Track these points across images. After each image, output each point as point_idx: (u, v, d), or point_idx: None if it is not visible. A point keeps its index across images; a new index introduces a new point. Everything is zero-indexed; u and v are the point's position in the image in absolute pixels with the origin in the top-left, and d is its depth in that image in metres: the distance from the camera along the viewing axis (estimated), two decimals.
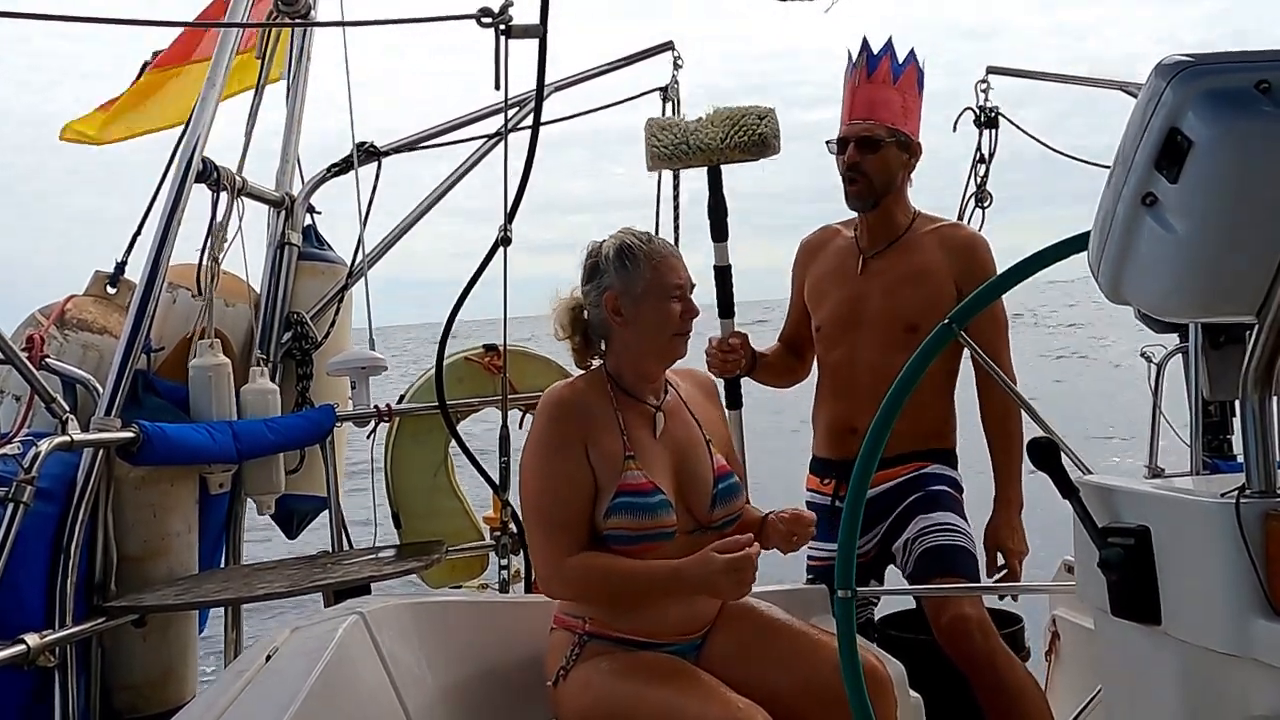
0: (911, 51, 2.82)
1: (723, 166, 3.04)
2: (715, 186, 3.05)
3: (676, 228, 4.02)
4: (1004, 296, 2.08)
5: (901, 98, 2.81)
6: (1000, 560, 2.73)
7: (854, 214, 2.91)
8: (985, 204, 4.38)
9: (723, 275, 3.03)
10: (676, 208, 4.01)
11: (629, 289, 2.10)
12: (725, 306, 3.03)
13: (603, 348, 2.19)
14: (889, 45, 2.80)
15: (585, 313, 2.18)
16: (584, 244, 2.21)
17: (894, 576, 2.94)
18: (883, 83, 2.79)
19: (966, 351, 2.74)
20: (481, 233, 3.24)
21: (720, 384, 2.81)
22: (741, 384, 3.06)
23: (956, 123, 4.32)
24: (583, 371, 2.23)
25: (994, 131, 4.32)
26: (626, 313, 2.11)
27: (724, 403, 2.78)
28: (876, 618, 3.04)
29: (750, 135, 2.92)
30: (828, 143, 2.87)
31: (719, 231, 3.06)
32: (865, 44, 2.80)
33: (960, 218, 4.33)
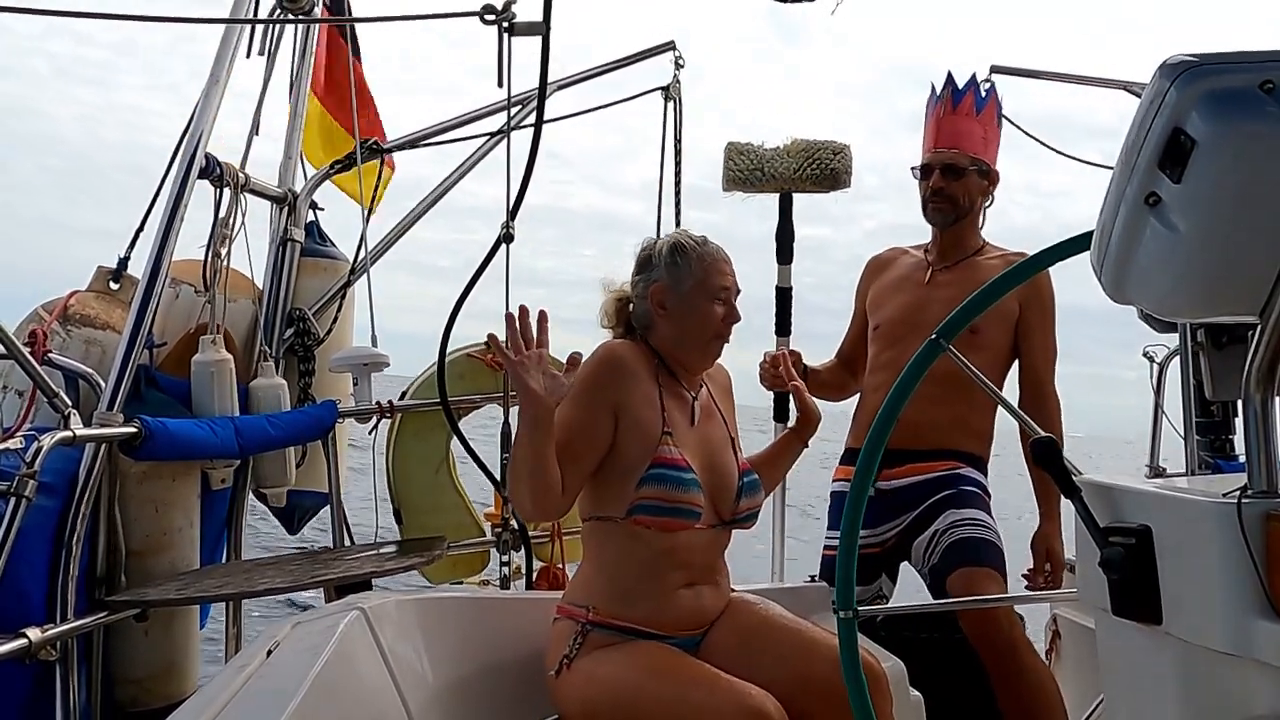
0: (993, 85, 3.01)
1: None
2: (785, 212, 3.20)
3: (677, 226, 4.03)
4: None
5: (983, 129, 2.99)
6: (1048, 567, 2.80)
7: (920, 240, 3.10)
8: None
9: (783, 296, 3.19)
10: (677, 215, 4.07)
11: (676, 285, 2.18)
12: (783, 325, 3.18)
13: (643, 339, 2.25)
14: (973, 79, 2.98)
15: (631, 304, 2.26)
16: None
17: (906, 576, 2.96)
18: (966, 115, 2.96)
19: (1016, 363, 2.89)
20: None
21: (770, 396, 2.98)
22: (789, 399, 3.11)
23: None
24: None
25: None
26: (670, 307, 2.18)
27: (772, 414, 3.03)
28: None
29: (823, 169, 3.08)
30: (913, 169, 3.03)
31: (784, 255, 3.20)
32: (950, 78, 2.98)
33: None
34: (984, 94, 2.98)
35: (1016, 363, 2.90)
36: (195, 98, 3.01)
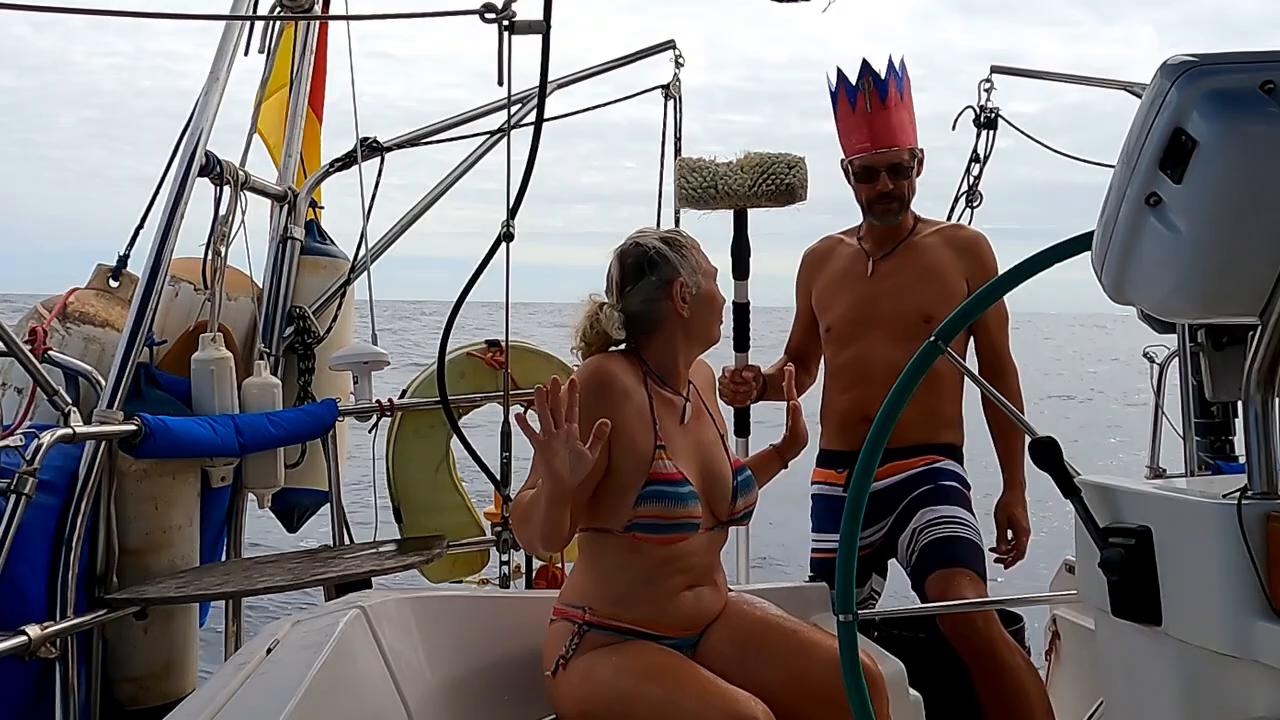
0: (901, 63, 2.88)
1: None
2: (740, 228, 3.10)
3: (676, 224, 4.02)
4: None
5: (909, 114, 2.91)
6: (1010, 536, 2.84)
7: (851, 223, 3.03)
8: (975, 204, 4.39)
9: (741, 312, 3.08)
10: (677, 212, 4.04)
11: (691, 275, 2.16)
12: (741, 340, 3.08)
13: (621, 343, 2.20)
14: (891, 65, 2.86)
15: (626, 314, 2.16)
16: (589, 235, 2.23)
17: (895, 571, 2.96)
18: (895, 106, 2.86)
19: (972, 345, 2.87)
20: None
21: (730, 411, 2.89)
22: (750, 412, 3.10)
23: (956, 122, 4.32)
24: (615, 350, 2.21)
25: (992, 132, 4.32)
26: (690, 300, 2.16)
27: (732, 430, 2.90)
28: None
29: (778, 184, 2.98)
30: (847, 169, 2.93)
31: (741, 270, 3.10)
32: (867, 67, 2.86)
33: (950, 216, 4.36)
34: (900, 75, 2.88)
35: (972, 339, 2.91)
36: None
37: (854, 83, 2.88)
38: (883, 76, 2.85)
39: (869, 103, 2.86)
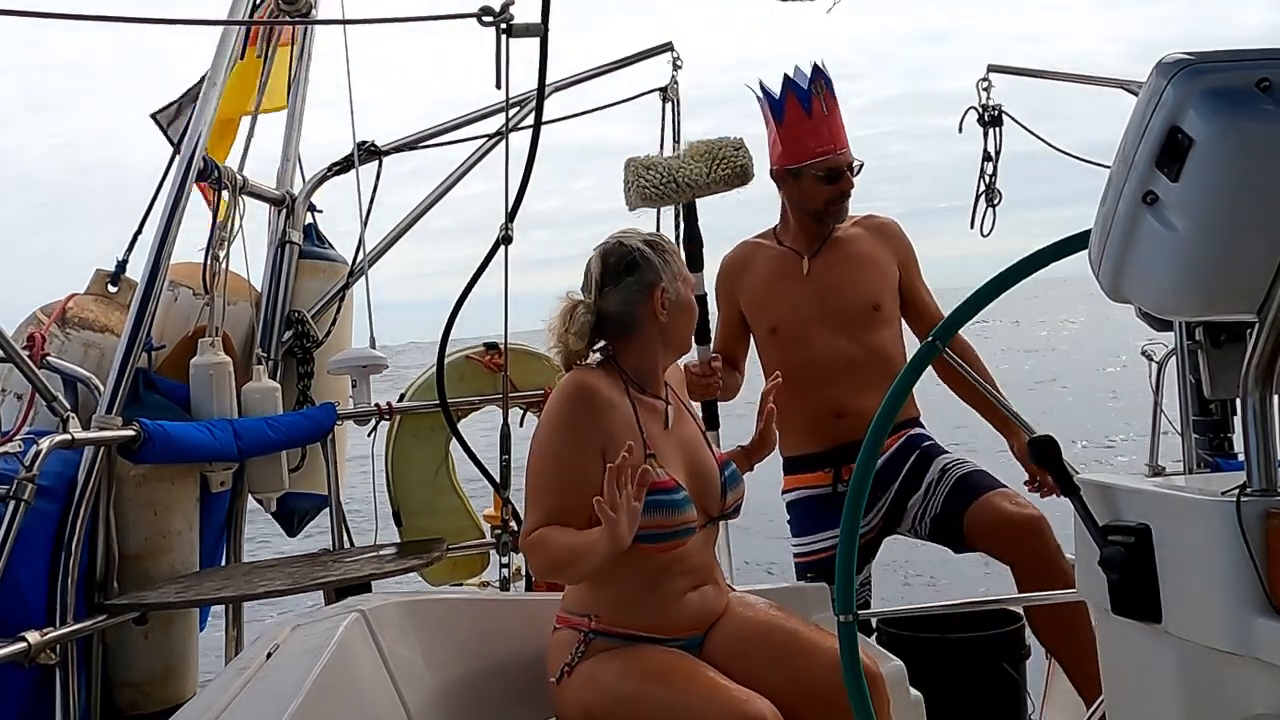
0: (823, 67, 2.93)
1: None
2: (691, 219, 3.13)
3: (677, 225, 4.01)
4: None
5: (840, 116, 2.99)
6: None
7: (763, 226, 3.12)
8: (996, 202, 4.37)
9: (699, 304, 2.99)
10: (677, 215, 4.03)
11: (672, 282, 2.16)
12: (702, 333, 3.03)
13: (598, 347, 2.19)
14: (822, 72, 2.91)
15: (602, 313, 2.16)
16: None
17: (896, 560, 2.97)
18: (835, 110, 2.94)
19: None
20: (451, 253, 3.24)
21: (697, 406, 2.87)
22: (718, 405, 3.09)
23: (962, 123, 4.31)
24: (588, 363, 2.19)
25: (999, 129, 4.31)
26: (669, 307, 2.15)
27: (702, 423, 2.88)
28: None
29: (731, 167, 2.97)
30: (817, 176, 2.94)
31: (695, 262, 3.08)
32: (819, 71, 2.90)
33: (973, 217, 4.36)
34: (828, 81, 2.94)
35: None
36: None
37: (806, 87, 2.91)
38: (826, 81, 2.91)
39: (824, 104, 2.91)
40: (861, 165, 2.95)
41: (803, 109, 2.91)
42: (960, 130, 4.31)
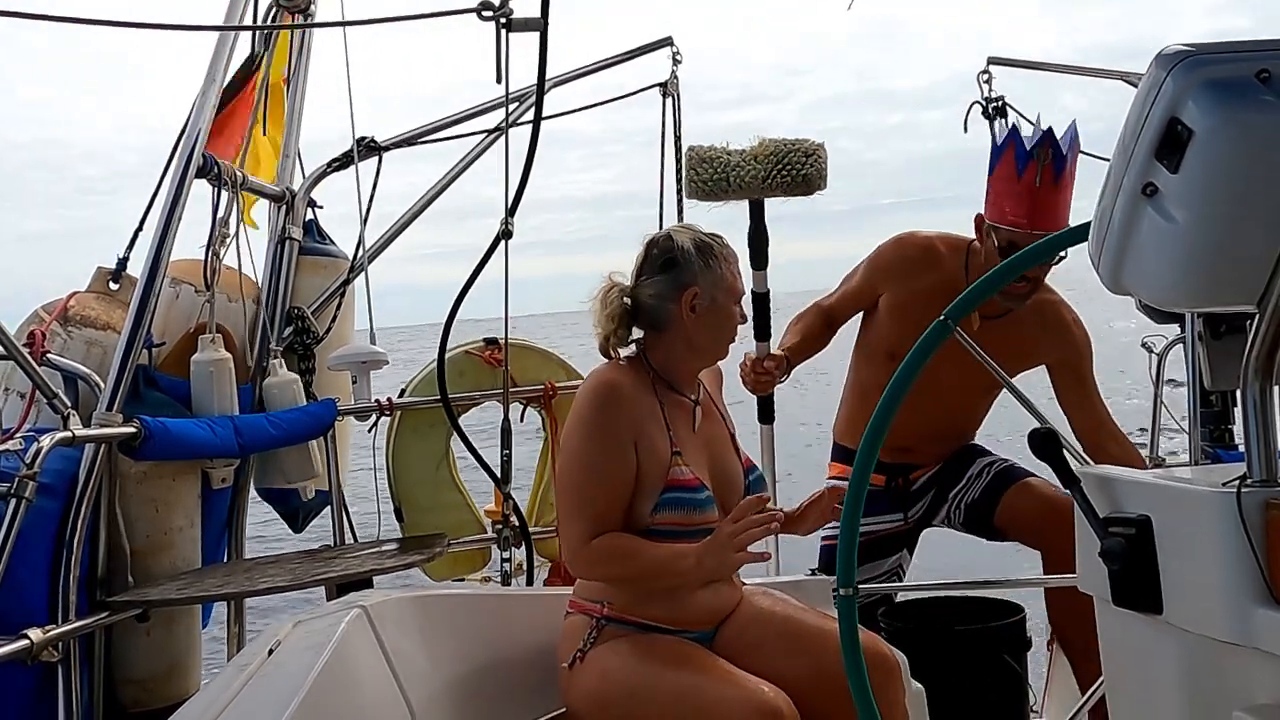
0: (1076, 131, 2.63)
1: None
2: (757, 216, 2.98)
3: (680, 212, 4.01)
4: None
5: (1071, 191, 2.65)
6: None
7: (948, 233, 2.91)
8: None
9: (761, 301, 2.98)
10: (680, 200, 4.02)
11: (710, 288, 2.11)
12: (762, 330, 2.97)
13: (635, 339, 2.19)
14: (1073, 136, 2.60)
15: (636, 302, 2.15)
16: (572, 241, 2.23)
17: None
18: (1065, 185, 2.60)
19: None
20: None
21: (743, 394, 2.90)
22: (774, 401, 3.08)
23: (966, 120, 4.30)
24: (615, 359, 2.18)
25: (1004, 120, 4.30)
26: (701, 311, 2.12)
27: (757, 415, 3.02)
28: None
29: (795, 175, 2.82)
30: (987, 233, 2.69)
31: (759, 260, 3.00)
32: (1049, 136, 2.57)
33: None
34: (1075, 148, 2.61)
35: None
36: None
37: (1028, 148, 2.58)
38: (1064, 150, 2.57)
39: (1039, 176, 2.56)
40: (1063, 258, 2.32)
41: (1014, 169, 2.60)
42: (965, 130, 4.28)
